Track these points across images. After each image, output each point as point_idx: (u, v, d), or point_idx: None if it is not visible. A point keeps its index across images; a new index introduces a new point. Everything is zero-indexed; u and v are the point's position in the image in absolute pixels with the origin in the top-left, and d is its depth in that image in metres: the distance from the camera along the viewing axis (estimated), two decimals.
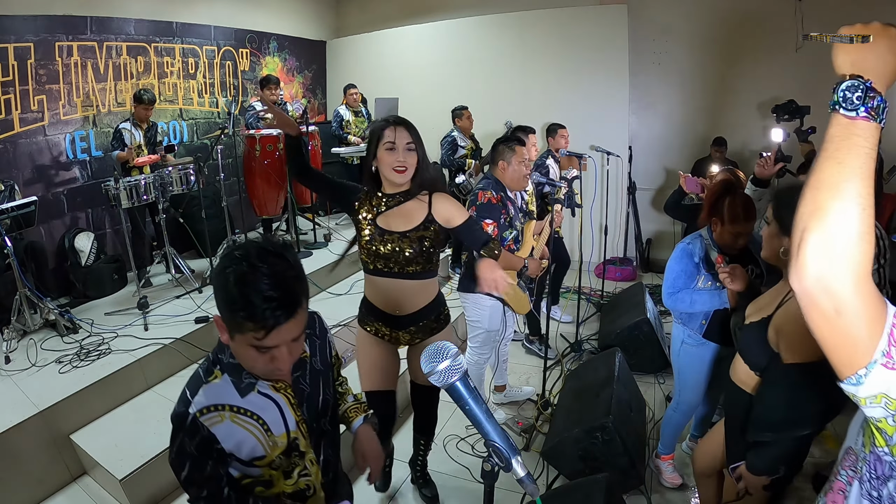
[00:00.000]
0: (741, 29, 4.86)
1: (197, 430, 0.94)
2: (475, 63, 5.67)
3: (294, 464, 1.06)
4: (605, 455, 2.18)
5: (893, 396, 0.63)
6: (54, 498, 2.31)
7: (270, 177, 4.42)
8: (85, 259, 3.78)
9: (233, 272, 0.86)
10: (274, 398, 1.02)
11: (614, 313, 3.73)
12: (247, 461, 0.99)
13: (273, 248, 0.90)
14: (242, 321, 0.86)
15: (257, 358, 0.92)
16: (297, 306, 0.89)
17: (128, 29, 4.30)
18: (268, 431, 1.01)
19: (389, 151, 1.69)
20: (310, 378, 1.11)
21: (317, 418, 1.11)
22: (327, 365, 1.18)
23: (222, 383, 0.99)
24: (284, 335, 0.89)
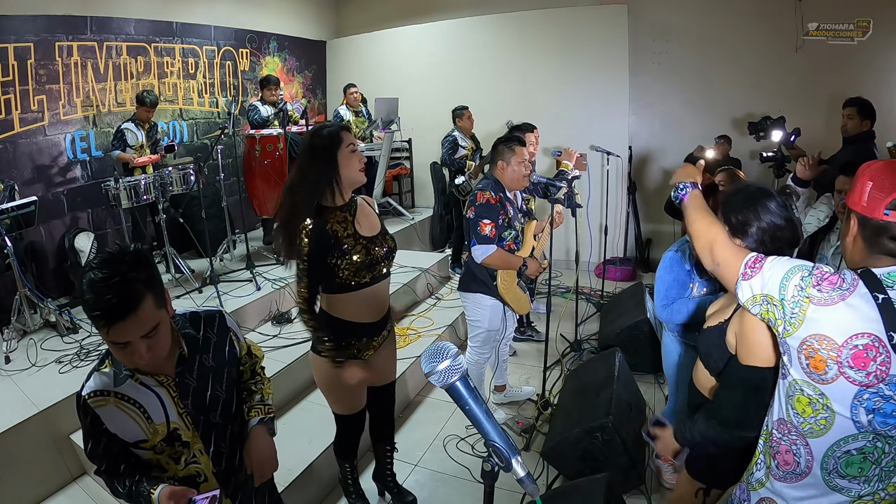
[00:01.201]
0: (741, 29, 4.86)
1: (87, 411, 1.10)
2: (475, 63, 5.67)
3: (179, 452, 1.17)
4: (605, 455, 2.18)
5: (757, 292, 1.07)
6: (54, 498, 2.30)
7: (270, 177, 4.42)
8: (85, 259, 3.78)
9: (86, 277, 0.98)
10: (155, 391, 1.14)
11: (614, 313, 3.73)
12: (132, 443, 1.13)
13: (120, 254, 1.01)
14: (94, 319, 0.99)
15: (119, 352, 1.04)
16: (136, 305, 0.98)
17: (128, 29, 4.31)
18: (148, 419, 1.13)
19: (353, 153, 1.68)
20: (197, 374, 1.19)
21: (204, 412, 1.20)
22: (223, 363, 1.25)
23: (109, 372, 1.13)
24: (129, 331, 0.99)
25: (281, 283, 3.62)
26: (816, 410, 1.01)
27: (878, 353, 0.93)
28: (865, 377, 0.94)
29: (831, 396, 0.99)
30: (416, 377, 3.11)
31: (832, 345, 0.96)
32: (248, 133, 4.45)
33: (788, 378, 1.05)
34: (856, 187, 1.04)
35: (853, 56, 4.53)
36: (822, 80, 4.57)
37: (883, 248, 1.00)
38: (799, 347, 1.01)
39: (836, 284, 0.98)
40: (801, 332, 1.00)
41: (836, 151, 3.40)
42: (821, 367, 0.98)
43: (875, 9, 4.41)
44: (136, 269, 1.01)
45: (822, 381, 0.99)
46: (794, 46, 4.70)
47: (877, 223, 1.00)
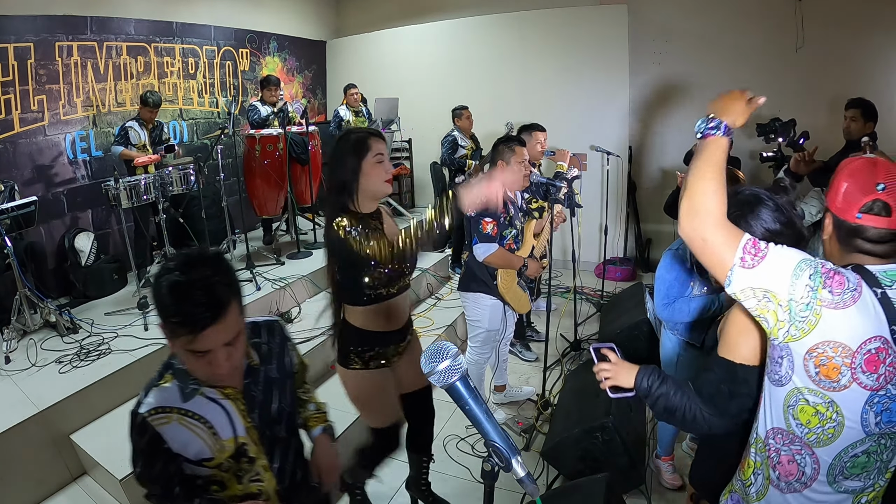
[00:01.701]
0: (741, 29, 4.86)
1: (145, 430, 1.01)
2: (475, 63, 5.67)
3: (244, 469, 1.10)
4: (605, 455, 2.18)
5: (757, 286, 0.96)
6: (54, 498, 2.30)
7: (270, 177, 4.42)
8: (85, 259, 3.78)
9: (165, 281, 0.93)
10: (222, 404, 1.07)
11: (614, 313, 3.73)
12: (195, 461, 1.05)
13: (201, 257, 0.97)
14: (175, 326, 0.93)
15: (195, 362, 0.98)
16: (223, 309, 0.94)
17: (128, 29, 4.30)
18: (215, 435, 1.06)
19: (379, 164, 1.62)
20: (263, 386, 1.14)
21: (270, 425, 1.14)
22: (285, 374, 1.20)
23: (171, 387, 1.05)
24: (213, 338, 0.94)
25: (281, 283, 3.62)
26: (824, 420, 0.97)
27: (888, 354, 0.92)
28: (876, 381, 0.93)
29: (842, 404, 0.95)
30: None
31: (847, 351, 0.92)
32: (248, 133, 4.44)
33: (788, 386, 1.00)
34: (833, 186, 1.04)
35: (853, 56, 4.53)
36: (821, 80, 4.57)
37: (857, 248, 1.00)
38: (807, 354, 0.95)
39: (844, 285, 0.93)
40: (812, 338, 0.94)
41: (837, 152, 3.40)
42: (834, 374, 0.94)
43: (875, 9, 4.41)
44: (221, 272, 0.97)
45: (834, 389, 0.95)
46: (794, 46, 4.70)
47: (850, 225, 1.00)
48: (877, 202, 0.96)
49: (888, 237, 0.97)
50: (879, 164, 1.00)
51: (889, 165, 1.00)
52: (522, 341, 3.64)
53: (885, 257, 0.98)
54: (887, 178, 0.96)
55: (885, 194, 0.96)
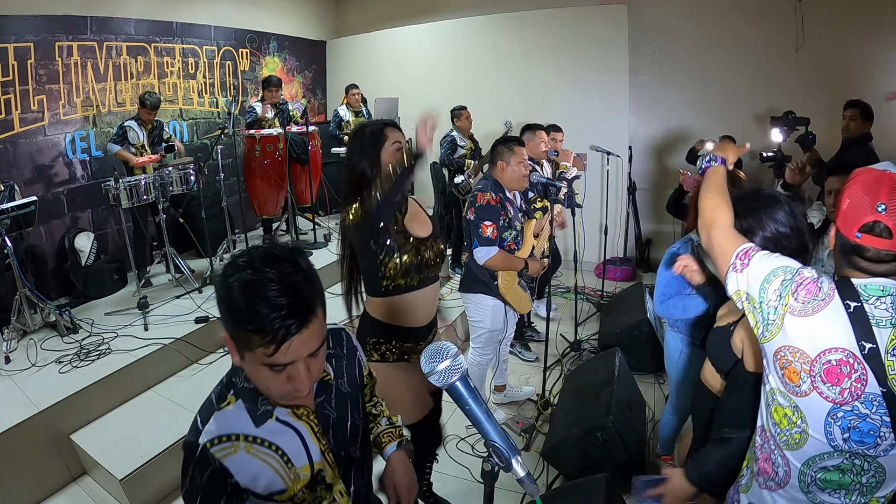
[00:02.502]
0: (741, 29, 4.86)
1: (207, 463, 0.85)
2: (475, 63, 5.67)
3: (321, 497, 0.96)
4: (605, 455, 2.18)
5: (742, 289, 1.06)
6: (54, 498, 2.31)
7: (270, 177, 4.42)
8: (85, 259, 3.78)
9: (236, 280, 0.77)
10: (295, 426, 0.92)
11: (614, 313, 3.73)
12: (265, 496, 0.89)
13: (280, 252, 0.81)
14: (250, 335, 0.77)
15: (272, 378, 0.82)
16: (310, 314, 0.80)
17: (128, 29, 4.30)
18: (288, 463, 0.91)
19: (398, 152, 1.62)
20: (336, 402, 1.00)
21: (345, 446, 1.01)
22: (356, 386, 1.07)
23: (236, 410, 0.89)
24: (298, 349, 0.80)
25: None
26: (791, 423, 1.01)
27: (853, 369, 0.92)
28: (839, 394, 0.93)
29: (805, 411, 0.98)
30: None
31: (805, 358, 0.95)
32: (248, 133, 4.44)
33: (767, 385, 1.06)
34: (841, 199, 1.02)
35: (853, 56, 4.53)
36: (821, 80, 4.57)
37: (854, 265, 0.99)
38: (774, 356, 1.01)
39: (813, 294, 0.96)
40: (777, 341, 1.00)
41: (837, 152, 3.41)
42: (795, 378, 0.98)
43: (875, 8, 4.40)
44: (304, 269, 0.81)
45: (797, 394, 0.98)
46: (794, 46, 4.70)
47: (850, 243, 0.98)
48: (878, 224, 0.94)
49: (888, 258, 0.95)
50: (886, 181, 0.96)
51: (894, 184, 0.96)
52: (522, 341, 3.64)
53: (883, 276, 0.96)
54: (889, 199, 0.93)
55: (885, 216, 0.93)
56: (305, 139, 4.50)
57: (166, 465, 2.25)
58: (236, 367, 0.91)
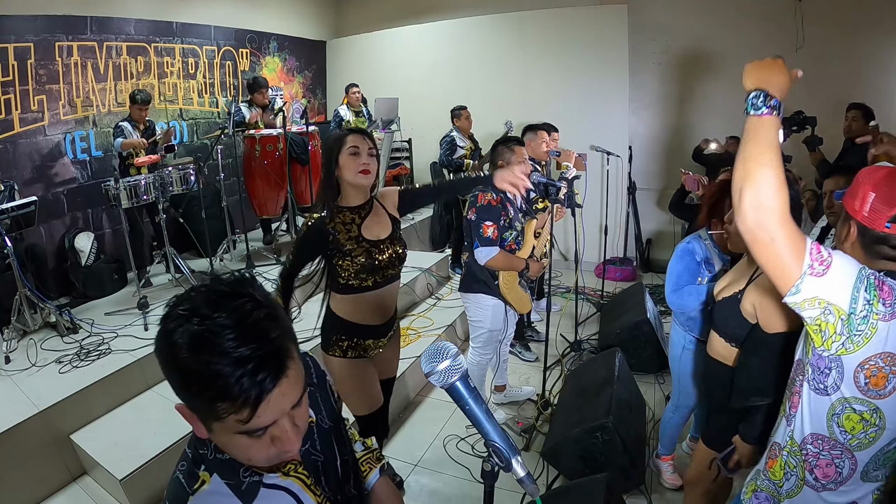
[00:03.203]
0: (741, 29, 4.86)
1: None
2: (475, 63, 5.67)
3: None
4: (605, 455, 2.18)
5: (822, 297, 0.92)
6: (54, 498, 2.30)
7: (270, 177, 4.42)
8: (85, 259, 3.78)
9: (181, 337, 0.60)
10: (285, 486, 0.77)
11: (614, 313, 3.73)
12: None
13: (228, 287, 0.64)
14: (215, 403, 0.60)
15: (252, 446, 0.66)
16: (285, 358, 0.64)
17: (128, 29, 4.30)
18: None
19: (354, 156, 1.70)
20: (321, 444, 0.87)
21: (340, 488, 0.88)
22: (335, 418, 0.93)
23: (214, 489, 0.71)
24: (279, 404, 0.63)
25: None
26: (867, 426, 1.00)
27: None
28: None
29: (885, 409, 0.99)
30: (416, 377, 3.11)
31: (893, 359, 0.95)
32: (247, 133, 4.44)
33: (834, 396, 1.01)
34: (857, 195, 1.04)
35: (853, 56, 4.53)
36: (822, 80, 4.56)
37: (882, 255, 1.02)
38: (859, 367, 0.97)
39: (892, 296, 0.95)
40: (867, 350, 0.95)
41: (841, 152, 3.42)
42: (882, 383, 0.97)
43: (875, 8, 4.40)
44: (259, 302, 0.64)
45: (879, 397, 0.98)
46: (794, 46, 4.70)
47: (877, 234, 1.01)
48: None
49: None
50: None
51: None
52: (522, 341, 3.64)
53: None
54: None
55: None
56: (305, 139, 4.50)
57: (166, 466, 2.25)
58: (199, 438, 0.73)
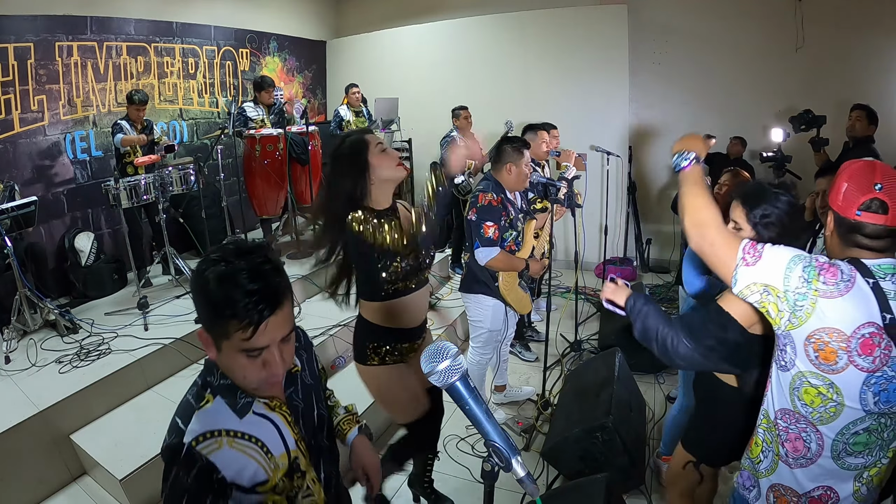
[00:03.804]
0: (741, 29, 4.86)
1: (194, 461, 0.86)
2: (475, 63, 5.67)
3: (297, 486, 1.00)
4: (605, 455, 2.18)
5: (757, 281, 1.10)
6: (54, 498, 2.31)
7: (270, 177, 4.42)
8: (85, 259, 3.78)
9: (211, 273, 0.83)
10: (271, 417, 0.97)
11: (614, 313, 3.72)
12: (248, 488, 0.91)
13: (246, 246, 0.88)
14: (227, 321, 0.83)
15: (248, 366, 0.88)
16: (282, 298, 0.87)
17: (128, 29, 4.30)
18: (268, 454, 0.94)
19: (383, 153, 1.64)
20: (302, 393, 1.06)
21: (314, 434, 1.07)
22: (316, 378, 1.15)
23: (216, 407, 0.91)
24: (273, 332, 0.86)
25: None
26: (825, 400, 1.08)
27: (882, 338, 1.03)
28: (872, 363, 1.03)
29: (841, 385, 1.06)
30: None
31: (841, 336, 1.04)
32: (247, 133, 4.44)
33: (792, 370, 1.11)
34: (835, 186, 1.14)
35: (853, 56, 4.53)
36: (821, 80, 4.57)
37: (855, 243, 1.10)
38: (807, 340, 1.07)
39: (838, 276, 1.05)
40: (810, 325, 1.06)
41: (843, 152, 3.42)
42: (831, 357, 1.05)
43: (875, 8, 4.40)
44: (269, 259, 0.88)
45: (832, 371, 1.06)
46: (794, 46, 4.70)
47: (850, 222, 1.10)
48: (875, 200, 1.06)
49: (885, 233, 1.07)
50: (877, 166, 1.10)
51: (886, 168, 1.10)
52: (522, 342, 3.64)
53: (882, 252, 1.09)
54: (884, 180, 1.06)
55: (882, 193, 1.06)
56: (305, 139, 4.49)
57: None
58: (209, 367, 0.95)
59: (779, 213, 1.42)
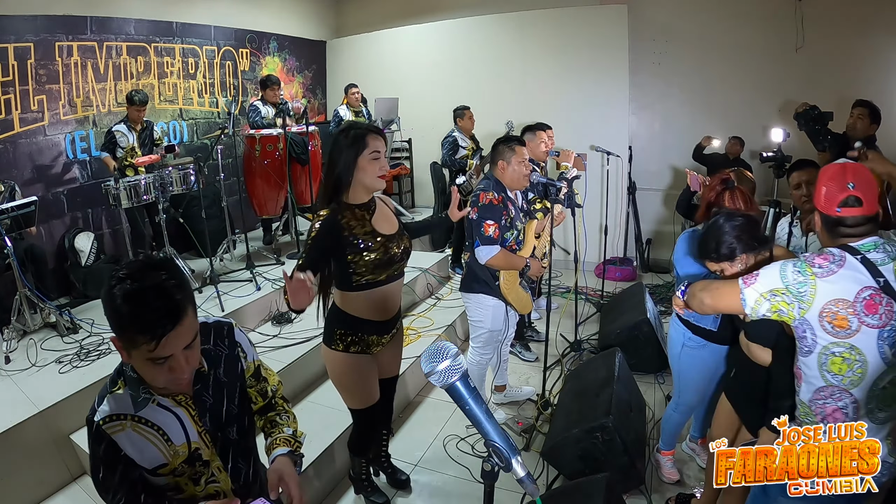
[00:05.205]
0: (741, 29, 4.86)
1: (101, 438, 1.00)
2: (475, 63, 5.67)
3: (199, 472, 1.11)
4: (605, 455, 2.18)
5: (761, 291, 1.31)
6: (54, 498, 2.30)
7: (270, 177, 4.42)
8: (85, 259, 3.78)
9: (119, 290, 0.90)
10: (175, 412, 1.07)
11: (614, 313, 3.73)
12: (150, 469, 1.04)
13: (152, 263, 0.96)
14: (134, 335, 0.91)
15: (155, 371, 0.96)
16: (182, 313, 0.94)
17: (128, 29, 4.30)
18: (168, 441, 1.05)
19: (375, 161, 1.70)
20: (213, 390, 1.13)
21: (221, 428, 1.15)
22: (234, 377, 1.19)
23: (124, 395, 1.04)
24: (175, 343, 0.93)
25: (281, 283, 3.61)
26: (851, 363, 1.25)
27: (881, 297, 1.22)
28: (879, 320, 1.22)
29: (860, 345, 1.23)
30: (416, 377, 3.11)
31: (847, 303, 1.23)
32: (248, 133, 4.44)
33: (816, 350, 1.28)
34: (816, 190, 1.36)
35: (853, 56, 4.53)
36: (822, 80, 4.57)
37: (840, 234, 1.31)
38: (820, 316, 1.25)
39: (830, 259, 1.26)
40: (818, 303, 1.25)
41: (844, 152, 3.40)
42: (845, 324, 1.24)
43: (875, 8, 4.41)
44: (173, 275, 0.95)
45: (849, 335, 1.24)
46: (794, 46, 4.70)
47: (833, 218, 1.32)
48: (850, 197, 1.28)
49: (864, 221, 1.29)
50: (848, 167, 1.33)
51: (855, 167, 1.34)
52: (522, 342, 3.64)
53: (865, 235, 1.29)
54: (855, 178, 1.29)
55: (855, 190, 1.28)
56: (305, 139, 4.49)
57: None
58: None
59: (729, 237, 1.59)
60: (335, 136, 1.78)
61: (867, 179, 1.29)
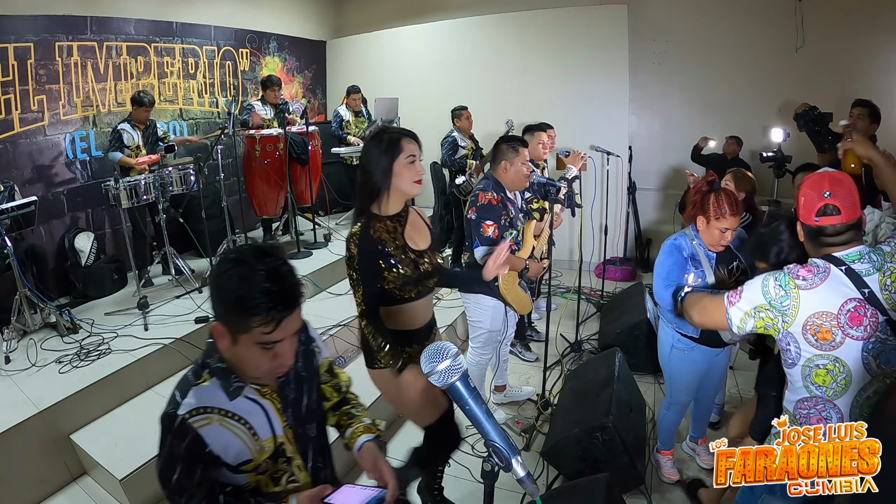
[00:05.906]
0: (741, 29, 4.86)
1: (185, 433, 0.95)
2: (475, 63, 5.67)
3: (281, 469, 1.08)
4: (605, 455, 2.18)
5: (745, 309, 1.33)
6: (54, 498, 2.31)
7: (270, 177, 4.42)
8: (85, 259, 3.78)
9: (234, 274, 0.90)
10: (261, 403, 1.04)
11: (614, 313, 3.73)
12: (234, 466, 1.00)
13: (265, 249, 0.96)
14: (249, 318, 0.90)
15: (262, 356, 0.95)
16: (298, 297, 0.95)
17: (128, 29, 4.30)
18: (255, 436, 1.02)
19: (411, 165, 1.60)
20: (294, 384, 1.12)
21: (301, 424, 1.13)
22: (312, 372, 1.19)
23: (211, 387, 1.00)
24: (289, 327, 0.94)
25: None
26: (835, 375, 1.26)
27: (866, 309, 1.22)
28: (864, 331, 1.22)
29: (844, 357, 1.23)
30: None
31: (830, 315, 1.23)
32: (248, 133, 4.44)
33: (801, 360, 1.29)
34: (798, 199, 1.36)
35: (853, 56, 4.53)
36: (822, 80, 4.57)
37: (822, 243, 1.31)
38: (804, 329, 1.25)
39: (814, 271, 1.26)
40: (801, 316, 1.25)
41: None
42: (828, 336, 1.23)
43: (875, 9, 4.40)
44: (285, 261, 0.96)
45: (833, 348, 1.24)
46: (794, 46, 4.70)
47: (813, 228, 1.32)
48: (828, 206, 1.27)
49: (844, 229, 1.28)
50: (826, 176, 1.32)
51: (833, 175, 1.32)
52: (522, 342, 3.64)
53: (847, 243, 1.28)
54: (832, 186, 1.28)
55: (832, 199, 1.27)
56: (305, 139, 4.50)
57: None
58: (210, 350, 1.03)
59: (783, 241, 1.58)
60: (366, 144, 1.68)
61: (846, 187, 1.27)
